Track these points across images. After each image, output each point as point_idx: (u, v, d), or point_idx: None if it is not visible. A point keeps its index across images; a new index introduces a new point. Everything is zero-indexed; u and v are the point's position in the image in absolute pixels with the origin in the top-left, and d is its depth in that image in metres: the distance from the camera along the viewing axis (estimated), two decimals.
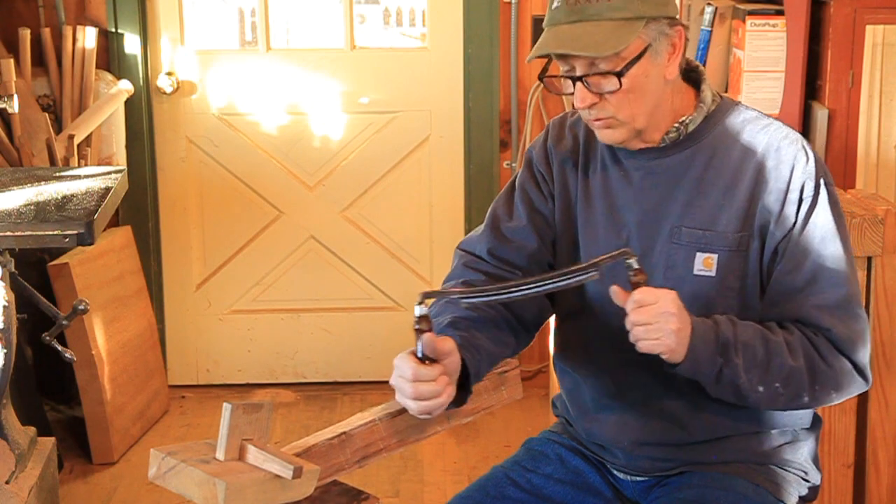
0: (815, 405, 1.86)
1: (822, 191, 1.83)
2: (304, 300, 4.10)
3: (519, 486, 1.98)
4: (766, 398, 1.81)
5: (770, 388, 1.79)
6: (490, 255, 1.95)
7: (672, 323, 1.71)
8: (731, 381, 1.78)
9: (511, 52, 3.82)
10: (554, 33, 1.79)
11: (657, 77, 1.81)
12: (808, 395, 1.81)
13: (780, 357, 1.79)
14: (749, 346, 1.78)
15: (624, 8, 1.76)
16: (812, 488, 1.99)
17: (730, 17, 3.14)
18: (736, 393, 1.80)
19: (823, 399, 1.84)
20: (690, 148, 1.87)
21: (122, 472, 3.52)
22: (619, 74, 1.77)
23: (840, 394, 1.84)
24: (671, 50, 1.81)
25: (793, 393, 1.80)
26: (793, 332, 1.81)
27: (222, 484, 1.58)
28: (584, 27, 1.76)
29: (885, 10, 2.78)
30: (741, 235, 1.83)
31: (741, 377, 1.77)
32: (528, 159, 2.01)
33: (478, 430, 3.75)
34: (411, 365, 1.70)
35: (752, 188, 1.83)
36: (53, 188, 2.77)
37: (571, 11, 1.78)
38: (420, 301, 1.72)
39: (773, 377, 1.79)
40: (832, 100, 2.81)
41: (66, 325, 2.76)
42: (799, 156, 1.83)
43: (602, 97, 1.80)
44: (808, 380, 1.80)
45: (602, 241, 1.90)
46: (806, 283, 1.81)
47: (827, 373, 1.81)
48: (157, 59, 3.90)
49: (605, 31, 1.75)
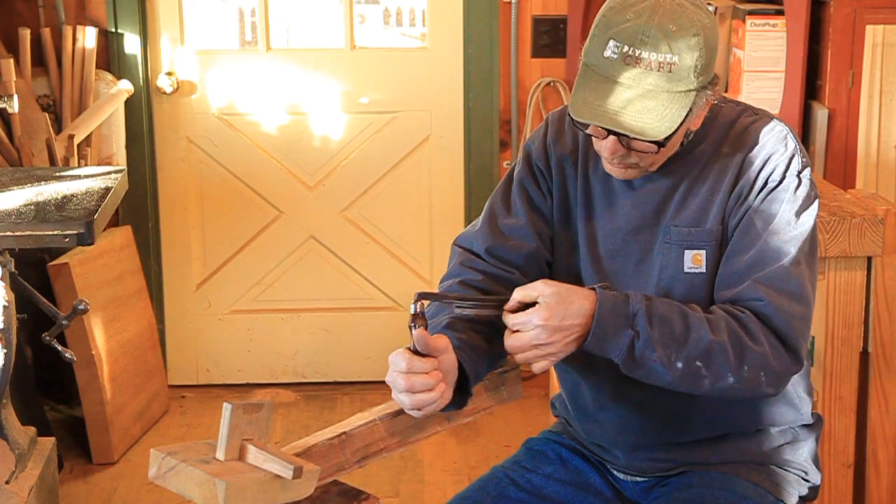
0: (745, 390, 1.74)
1: (789, 178, 1.80)
2: (304, 300, 4.10)
3: (519, 486, 1.98)
4: (686, 378, 1.72)
5: (690, 365, 1.70)
6: (488, 254, 1.94)
7: (536, 322, 1.69)
8: (645, 356, 1.70)
9: (511, 52, 3.82)
10: (604, 93, 1.71)
11: (685, 130, 1.80)
12: (735, 375, 1.71)
13: (700, 331, 1.71)
14: (665, 318, 1.72)
15: (681, 81, 1.70)
16: (812, 488, 1.99)
17: (730, 17, 3.14)
18: (651, 370, 1.72)
19: (753, 382, 1.73)
20: (689, 155, 1.87)
21: (122, 472, 3.52)
22: (661, 145, 1.75)
23: (770, 377, 1.74)
24: (706, 106, 1.79)
25: (716, 373, 1.71)
26: (714, 311, 1.75)
27: (222, 484, 1.58)
28: (640, 99, 1.70)
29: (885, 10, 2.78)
30: (722, 227, 1.83)
31: (656, 351, 1.70)
32: (527, 154, 1.99)
33: (478, 430, 3.75)
34: (405, 357, 1.69)
35: (733, 181, 1.83)
36: (53, 188, 2.77)
37: (626, 72, 1.70)
38: (416, 300, 1.72)
39: (693, 353, 1.70)
40: (832, 100, 2.81)
41: (66, 325, 2.76)
42: (777, 147, 1.82)
43: (630, 150, 1.78)
44: (733, 358, 1.71)
45: (602, 244, 1.90)
46: (749, 265, 1.77)
47: (753, 350, 1.72)
48: (157, 59, 3.90)
49: (660, 107, 1.70)
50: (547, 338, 1.70)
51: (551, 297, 1.71)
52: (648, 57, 1.69)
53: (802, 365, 1.78)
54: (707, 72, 1.74)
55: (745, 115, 1.88)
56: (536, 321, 1.70)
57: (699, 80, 1.72)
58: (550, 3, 3.78)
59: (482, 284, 1.90)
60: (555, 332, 1.70)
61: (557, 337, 1.70)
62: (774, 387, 1.77)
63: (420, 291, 1.74)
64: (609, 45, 1.71)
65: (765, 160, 1.81)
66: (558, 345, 1.71)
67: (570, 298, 1.71)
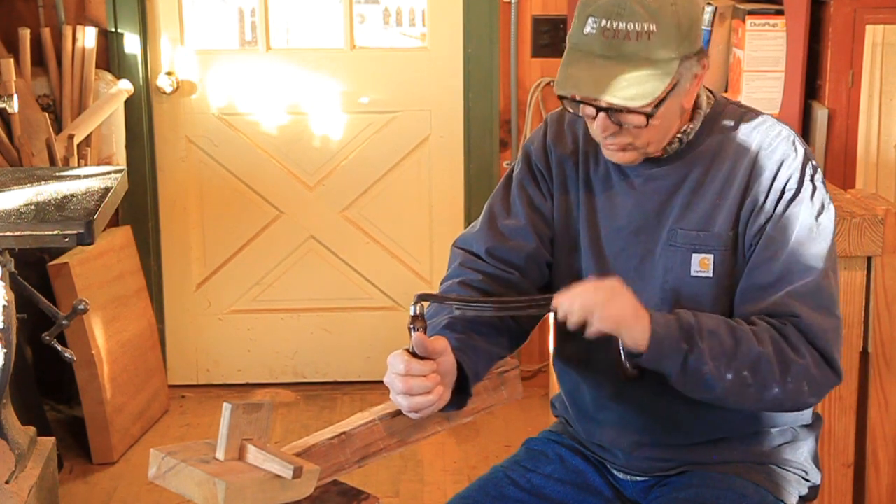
0: (788, 400, 1.77)
1: (805, 184, 1.81)
2: (304, 300, 4.10)
3: (519, 485, 1.98)
4: (734, 388, 1.74)
5: (738, 375, 1.72)
6: (488, 254, 1.94)
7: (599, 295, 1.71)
8: (698, 369, 1.72)
9: (511, 52, 3.82)
10: (588, 67, 1.73)
11: (677, 107, 1.80)
12: (780, 386, 1.74)
13: (747, 343, 1.73)
14: (714, 332, 1.74)
15: (662, 48, 1.72)
16: (812, 488, 1.99)
17: (730, 16, 3.14)
18: (702, 383, 1.74)
19: (796, 394, 1.76)
20: (690, 154, 1.86)
21: (122, 472, 3.52)
22: (650, 116, 1.75)
23: (812, 388, 1.77)
24: (695, 82, 1.80)
25: (762, 382, 1.73)
26: (758, 323, 1.77)
27: (222, 484, 1.58)
28: (621, 67, 1.71)
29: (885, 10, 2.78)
30: (733, 234, 1.83)
31: (707, 363, 1.72)
32: (527, 155, 1.99)
33: (478, 430, 3.75)
34: (404, 359, 1.70)
35: (744, 187, 1.82)
36: (53, 188, 2.77)
37: (608, 46, 1.72)
38: (415, 302, 1.72)
39: (741, 364, 1.72)
40: (832, 100, 2.81)
41: (66, 324, 2.76)
42: (788, 151, 1.82)
43: (622, 127, 1.78)
44: (777, 369, 1.74)
45: (605, 244, 1.90)
46: (778, 277, 1.78)
47: (797, 362, 1.74)
48: (157, 59, 3.90)
49: (643, 75, 1.71)
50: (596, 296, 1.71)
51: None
52: (626, 27, 1.71)
53: (841, 377, 1.80)
54: (688, 41, 1.74)
55: (748, 116, 1.88)
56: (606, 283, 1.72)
57: (680, 49, 1.73)
58: (550, 3, 3.78)
59: (482, 285, 1.90)
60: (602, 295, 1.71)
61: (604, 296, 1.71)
62: (816, 397, 1.80)
63: (420, 293, 1.74)
64: (588, 21, 1.73)
65: (778, 166, 1.81)
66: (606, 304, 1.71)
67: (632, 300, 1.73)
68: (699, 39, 1.78)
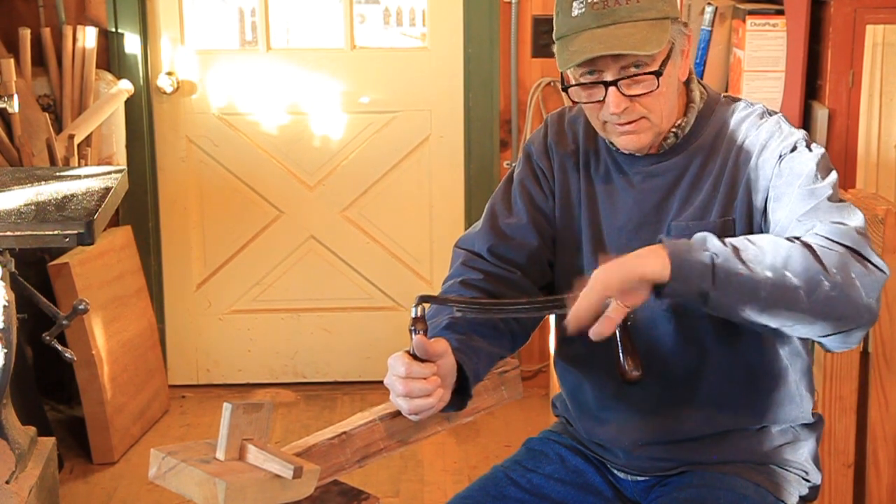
0: (847, 300, 1.60)
1: (801, 146, 1.79)
2: (304, 300, 4.10)
3: (519, 485, 1.98)
4: (779, 290, 1.59)
5: (777, 272, 1.59)
6: (490, 253, 1.95)
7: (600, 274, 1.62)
8: (732, 275, 1.59)
9: (511, 52, 3.82)
10: (588, 38, 1.75)
11: (675, 77, 1.82)
12: (827, 278, 1.59)
13: (774, 240, 1.64)
14: (736, 240, 1.65)
15: (652, 8, 1.75)
16: (812, 488, 1.99)
17: (730, 16, 3.14)
18: (743, 290, 1.59)
19: (849, 286, 1.60)
20: (687, 149, 1.87)
21: (122, 472, 3.52)
22: (659, 74, 1.76)
23: (863, 281, 1.61)
24: (684, 55, 1.82)
25: (807, 278, 1.59)
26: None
27: (222, 484, 1.58)
28: (621, 29, 1.74)
29: (885, 10, 2.77)
30: (725, 220, 1.82)
31: (739, 266, 1.59)
32: (528, 154, 2.00)
33: (478, 430, 3.75)
34: (404, 361, 1.70)
35: (733, 173, 1.83)
36: (53, 188, 2.77)
37: (600, 15, 1.75)
38: (417, 303, 1.72)
39: (776, 259, 1.60)
40: (832, 100, 2.81)
41: (66, 324, 2.76)
42: (773, 130, 1.83)
43: (633, 100, 1.79)
44: (815, 260, 1.60)
45: (607, 242, 1.90)
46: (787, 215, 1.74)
47: (837, 251, 1.62)
48: (157, 58, 3.90)
49: (644, 30, 1.74)
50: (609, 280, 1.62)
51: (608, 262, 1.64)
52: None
53: (887, 272, 1.65)
54: (671, 4, 1.78)
55: (739, 107, 1.89)
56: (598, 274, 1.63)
57: (666, 10, 1.77)
58: (550, 3, 3.76)
59: (484, 284, 1.90)
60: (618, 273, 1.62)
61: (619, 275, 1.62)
62: (873, 295, 1.63)
63: (421, 294, 1.74)
64: (573, 6, 1.77)
65: (764, 143, 1.81)
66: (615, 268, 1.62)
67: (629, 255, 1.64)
68: (677, 7, 1.82)
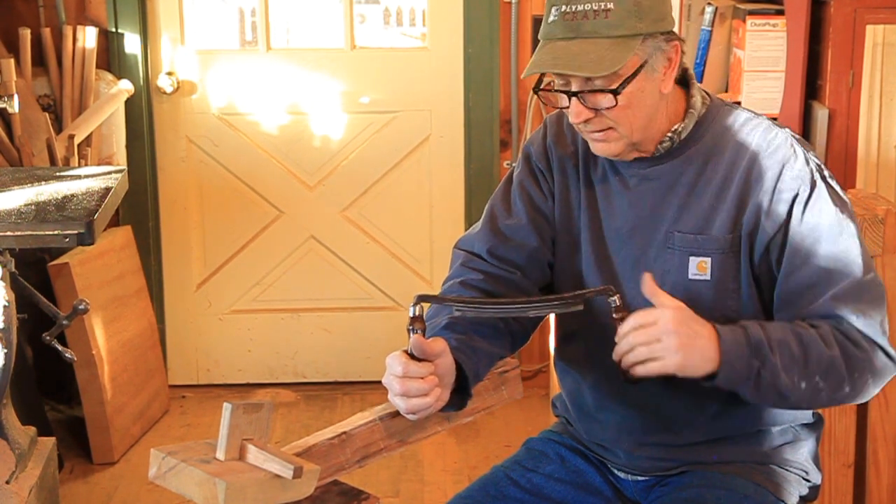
0: (855, 395, 1.79)
1: (819, 184, 1.81)
2: (304, 300, 4.10)
3: (519, 485, 1.98)
4: (808, 395, 1.75)
5: (811, 382, 1.73)
6: (490, 254, 1.95)
7: (673, 341, 1.68)
8: (772, 383, 1.72)
9: (511, 52, 3.82)
10: (550, 49, 1.77)
11: (653, 91, 1.81)
12: (849, 384, 1.76)
13: (817, 349, 1.74)
14: (783, 343, 1.73)
15: (620, 25, 1.75)
16: (813, 488, 1.99)
17: (730, 16, 3.14)
18: (778, 395, 1.74)
19: (861, 387, 1.78)
20: (684, 154, 1.86)
21: (122, 472, 3.52)
22: (615, 92, 1.76)
23: (876, 379, 1.79)
24: (667, 64, 1.80)
25: (833, 385, 1.75)
26: (819, 325, 1.77)
27: (222, 484, 1.58)
28: (580, 45, 1.75)
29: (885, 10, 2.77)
30: (732, 237, 1.82)
31: (781, 376, 1.72)
32: (527, 155, 2.00)
33: (478, 430, 3.75)
34: (402, 361, 1.70)
35: (743, 189, 1.82)
36: (53, 188, 2.77)
37: (567, 27, 1.76)
38: (415, 303, 1.72)
39: (813, 371, 1.73)
40: (832, 100, 2.81)
41: (66, 325, 2.76)
42: (788, 154, 1.82)
43: (598, 112, 1.79)
44: (846, 369, 1.75)
45: (607, 244, 1.90)
46: (818, 278, 1.78)
47: (861, 357, 1.76)
48: (157, 58, 3.90)
49: (602, 49, 1.74)
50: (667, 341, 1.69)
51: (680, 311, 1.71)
52: (584, 8, 1.75)
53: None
54: (651, 18, 1.76)
55: (743, 117, 1.88)
56: (666, 320, 1.69)
57: (641, 26, 1.75)
58: None
59: (483, 285, 1.90)
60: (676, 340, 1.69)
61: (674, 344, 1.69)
62: (878, 386, 1.82)
63: (419, 294, 1.74)
64: (551, 11, 1.79)
65: (780, 169, 1.81)
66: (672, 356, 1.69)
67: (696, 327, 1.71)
68: (666, 20, 1.80)
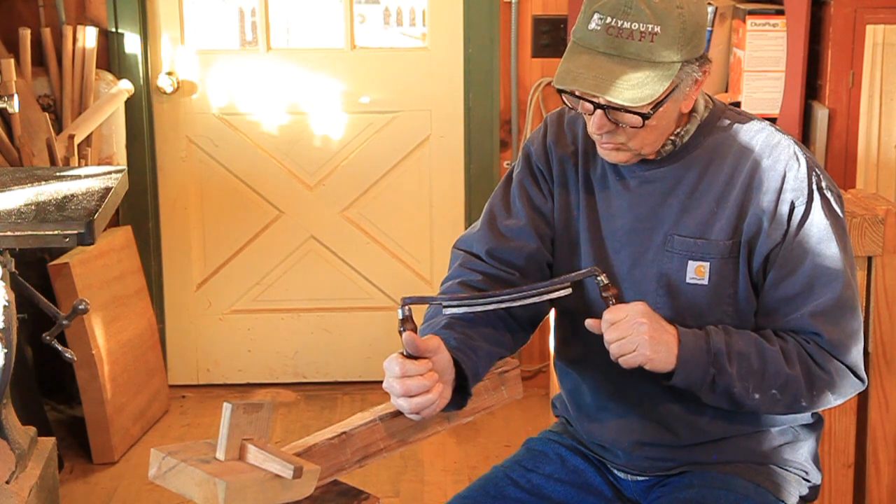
0: (814, 409, 1.87)
1: (815, 196, 1.82)
2: (304, 300, 4.10)
3: (519, 485, 1.98)
4: (763, 404, 1.82)
5: (766, 394, 1.80)
6: (489, 255, 1.94)
7: (644, 332, 1.74)
8: (726, 391, 1.79)
9: (511, 52, 3.82)
10: (588, 64, 1.73)
11: (675, 111, 1.81)
12: (806, 399, 1.82)
13: (776, 365, 1.79)
14: (743, 354, 1.78)
15: (664, 52, 1.72)
16: (812, 488, 1.99)
17: (730, 16, 3.14)
18: (731, 401, 1.82)
19: (821, 402, 1.84)
20: (685, 158, 1.86)
21: (122, 472, 3.52)
22: (646, 117, 1.76)
23: (837, 396, 1.85)
24: (694, 87, 1.80)
25: (790, 399, 1.81)
26: (787, 340, 1.82)
27: (222, 483, 1.58)
28: (621, 66, 1.71)
29: (885, 10, 2.78)
30: (732, 243, 1.82)
31: (735, 386, 1.78)
32: (527, 155, 1.99)
33: (478, 430, 3.75)
34: (399, 361, 1.71)
35: (744, 195, 1.82)
36: (53, 188, 2.77)
37: (610, 43, 1.72)
38: (402, 306, 1.74)
39: (769, 384, 1.79)
40: (832, 100, 2.81)
41: (66, 325, 2.76)
42: (791, 162, 1.82)
43: (619, 126, 1.78)
44: (805, 385, 1.81)
45: (605, 245, 1.90)
46: (800, 290, 1.81)
47: (822, 377, 1.81)
48: (157, 58, 3.90)
49: (643, 78, 1.71)
50: (637, 335, 1.75)
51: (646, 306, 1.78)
52: (630, 27, 1.71)
53: (865, 382, 1.87)
54: (692, 45, 1.74)
55: (746, 122, 1.87)
56: (637, 317, 1.75)
57: (682, 53, 1.73)
58: (550, 3, 3.78)
59: (482, 285, 1.90)
60: (647, 332, 1.75)
61: (645, 336, 1.75)
62: (841, 401, 1.88)
63: (405, 297, 1.76)
64: (594, 17, 1.74)
65: (782, 178, 1.81)
66: (644, 347, 1.75)
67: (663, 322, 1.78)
68: (702, 45, 1.78)
